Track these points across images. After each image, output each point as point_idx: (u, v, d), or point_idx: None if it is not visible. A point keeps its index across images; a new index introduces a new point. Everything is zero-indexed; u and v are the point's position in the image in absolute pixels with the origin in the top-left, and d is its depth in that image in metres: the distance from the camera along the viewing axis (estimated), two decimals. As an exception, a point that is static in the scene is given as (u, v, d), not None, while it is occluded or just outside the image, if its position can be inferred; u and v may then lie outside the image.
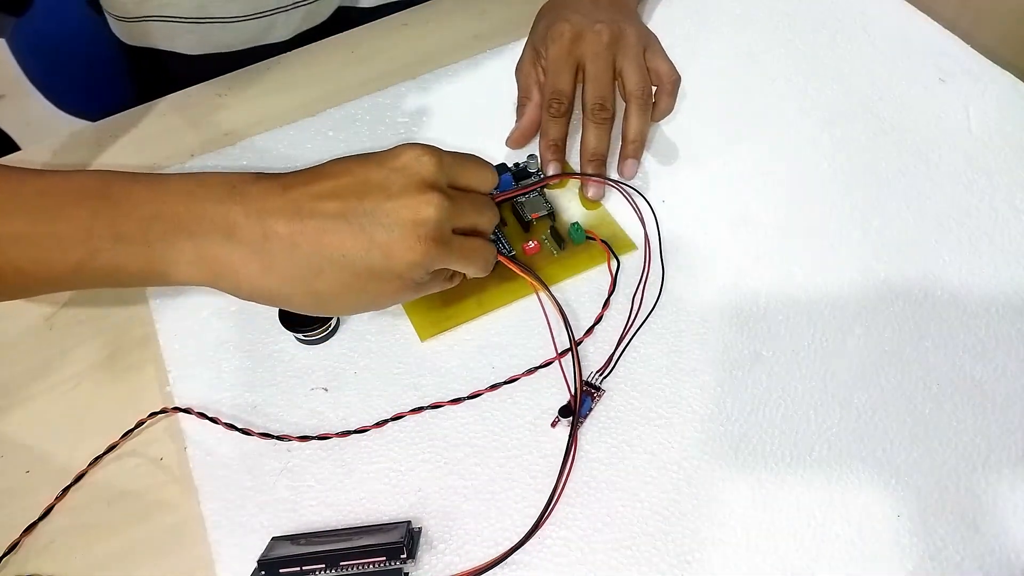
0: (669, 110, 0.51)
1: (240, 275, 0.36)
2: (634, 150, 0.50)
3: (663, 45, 0.52)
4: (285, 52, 0.62)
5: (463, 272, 0.41)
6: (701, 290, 0.46)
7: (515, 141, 0.52)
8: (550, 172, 0.50)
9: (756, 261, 0.47)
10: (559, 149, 0.50)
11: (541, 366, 0.43)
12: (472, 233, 0.40)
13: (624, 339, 0.44)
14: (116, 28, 0.64)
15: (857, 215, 0.48)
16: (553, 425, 0.41)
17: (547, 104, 0.50)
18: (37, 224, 0.36)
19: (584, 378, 0.42)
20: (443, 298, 0.46)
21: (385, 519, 0.38)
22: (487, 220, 0.41)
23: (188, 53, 0.63)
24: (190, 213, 0.36)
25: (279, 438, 0.41)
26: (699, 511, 0.38)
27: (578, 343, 0.43)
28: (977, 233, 0.47)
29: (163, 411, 0.42)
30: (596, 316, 0.44)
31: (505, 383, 0.42)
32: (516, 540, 0.37)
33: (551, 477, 0.39)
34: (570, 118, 0.51)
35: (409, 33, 0.63)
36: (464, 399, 0.42)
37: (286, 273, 0.36)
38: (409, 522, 0.38)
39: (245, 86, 0.60)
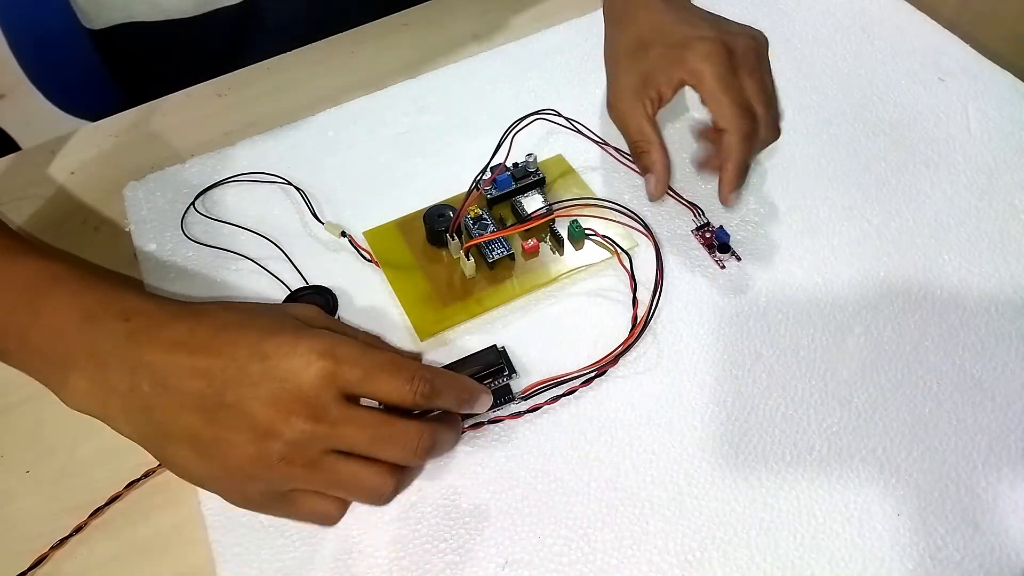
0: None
1: (115, 419, 0.35)
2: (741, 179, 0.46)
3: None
4: (241, 20, 0.62)
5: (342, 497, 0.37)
6: (701, 290, 0.46)
7: (659, 193, 0.47)
8: (731, 203, 0.46)
9: (756, 261, 0.47)
10: (744, 175, 0.45)
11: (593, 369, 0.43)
12: (369, 457, 0.35)
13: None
14: (80, 14, 0.65)
15: (857, 214, 0.48)
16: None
17: (738, 123, 0.44)
18: None
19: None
20: (443, 298, 0.46)
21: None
22: (383, 448, 0.35)
23: (147, 20, 0.64)
24: (79, 341, 0.36)
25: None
26: (699, 510, 0.38)
27: (625, 347, 0.43)
28: (977, 233, 0.47)
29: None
30: (631, 316, 0.44)
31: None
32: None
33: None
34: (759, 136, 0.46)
35: (409, 33, 0.63)
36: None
37: (141, 430, 0.35)
38: (494, 345, 0.42)
39: (245, 86, 0.60)
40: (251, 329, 0.35)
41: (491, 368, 0.41)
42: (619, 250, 0.47)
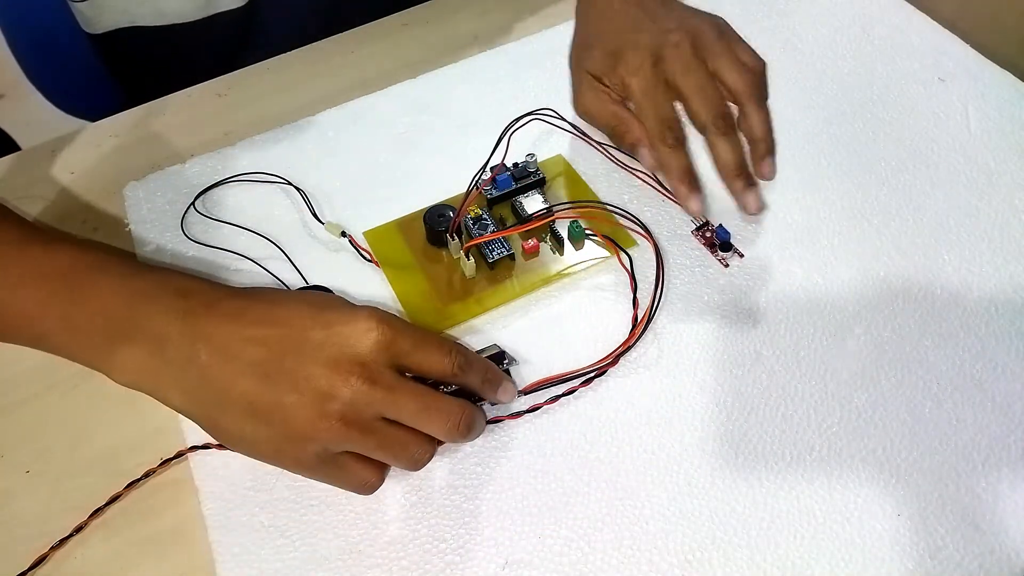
0: (767, 96, 0.48)
1: (167, 391, 0.36)
2: (767, 147, 0.47)
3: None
4: (243, 22, 0.62)
5: (385, 462, 0.38)
6: (701, 290, 0.46)
7: (656, 160, 0.47)
8: (695, 207, 0.46)
9: (756, 261, 0.47)
10: (694, 178, 0.46)
11: (594, 370, 0.43)
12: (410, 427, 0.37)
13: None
14: (81, 19, 0.65)
15: (857, 215, 0.48)
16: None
17: (660, 136, 0.46)
18: (5, 292, 0.38)
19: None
20: (443, 298, 0.46)
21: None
22: (429, 419, 0.37)
23: (149, 24, 0.64)
24: (133, 318, 0.37)
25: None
26: (699, 510, 0.38)
27: (625, 348, 0.43)
28: (977, 233, 0.47)
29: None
30: (631, 316, 0.44)
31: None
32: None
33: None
34: (687, 142, 0.47)
35: (409, 33, 0.63)
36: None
37: (196, 400, 0.36)
38: (495, 345, 0.42)
39: (245, 86, 0.60)
40: (305, 303, 0.38)
41: (491, 356, 0.42)
42: (619, 250, 0.47)
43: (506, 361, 0.42)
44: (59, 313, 0.38)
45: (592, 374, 0.42)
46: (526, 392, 0.42)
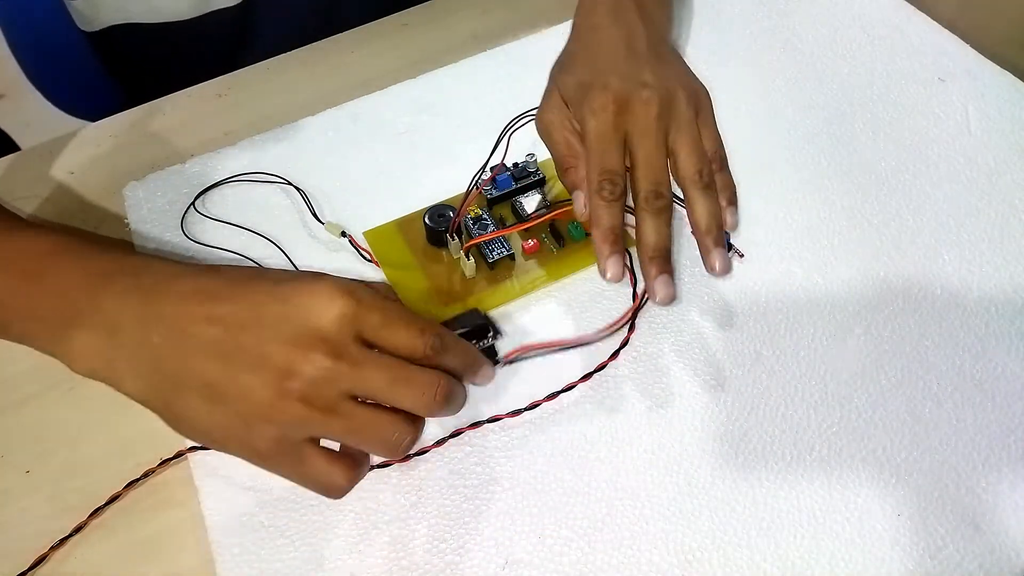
0: (729, 186, 0.45)
1: (121, 378, 0.35)
2: (714, 240, 0.42)
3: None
4: (239, 21, 0.62)
5: (356, 448, 0.36)
6: (701, 290, 0.46)
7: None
8: (610, 272, 0.42)
9: (756, 260, 0.47)
10: (618, 239, 0.42)
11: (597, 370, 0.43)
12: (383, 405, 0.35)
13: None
14: (77, 17, 0.65)
15: (857, 214, 0.48)
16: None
17: (597, 185, 0.42)
18: None
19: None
20: (443, 298, 0.46)
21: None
22: (401, 393, 0.34)
23: (144, 22, 0.64)
24: (89, 303, 0.35)
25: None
26: (699, 510, 0.38)
27: (625, 343, 0.43)
28: (977, 233, 0.47)
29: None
30: (627, 312, 0.44)
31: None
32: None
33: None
34: (625, 200, 0.43)
35: (409, 33, 0.63)
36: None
37: (149, 383, 0.34)
38: (476, 309, 0.41)
39: (245, 86, 0.60)
40: (266, 278, 0.35)
41: (476, 328, 0.41)
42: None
43: (490, 335, 0.40)
44: (19, 300, 0.37)
45: (592, 373, 0.42)
46: (510, 358, 0.41)
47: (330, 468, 0.34)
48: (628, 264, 0.46)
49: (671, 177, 0.43)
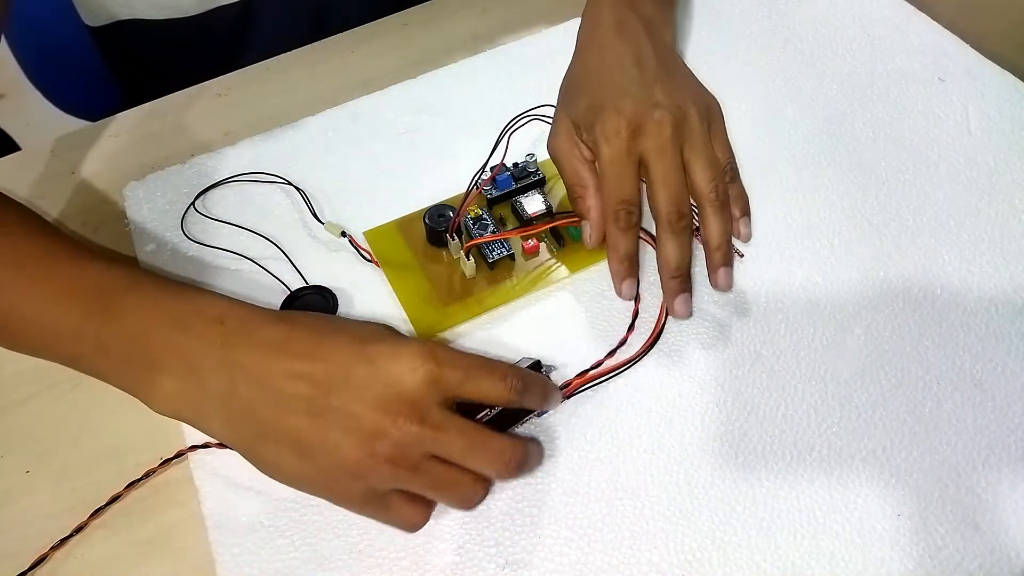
0: (742, 196, 0.47)
1: (208, 422, 0.36)
2: (722, 257, 0.44)
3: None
4: (241, 19, 0.62)
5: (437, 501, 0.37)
6: (701, 290, 0.46)
7: (596, 241, 0.45)
8: (626, 293, 0.44)
9: (756, 261, 0.47)
10: (634, 265, 0.44)
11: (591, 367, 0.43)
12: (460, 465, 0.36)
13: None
14: (82, 11, 0.65)
15: (857, 215, 0.48)
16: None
17: (613, 215, 0.43)
18: (37, 311, 0.38)
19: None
20: (443, 298, 0.46)
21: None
22: (477, 458, 0.36)
23: (150, 18, 0.64)
24: (169, 345, 0.36)
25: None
26: (699, 510, 0.38)
27: (622, 341, 0.43)
28: (977, 233, 0.47)
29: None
30: (631, 315, 0.44)
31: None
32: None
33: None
34: (639, 227, 0.45)
35: (409, 33, 0.63)
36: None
37: (239, 432, 0.36)
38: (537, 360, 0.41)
39: (245, 86, 0.60)
40: (347, 335, 0.36)
41: (532, 364, 0.41)
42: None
43: (543, 370, 0.42)
44: (93, 337, 0.37)
45: (591, 373, 0.42)
46: (568, 395, 0.42)
47: (412, 511, 0.36)
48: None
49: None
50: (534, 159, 0.50)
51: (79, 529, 0.39)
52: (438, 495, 0.36)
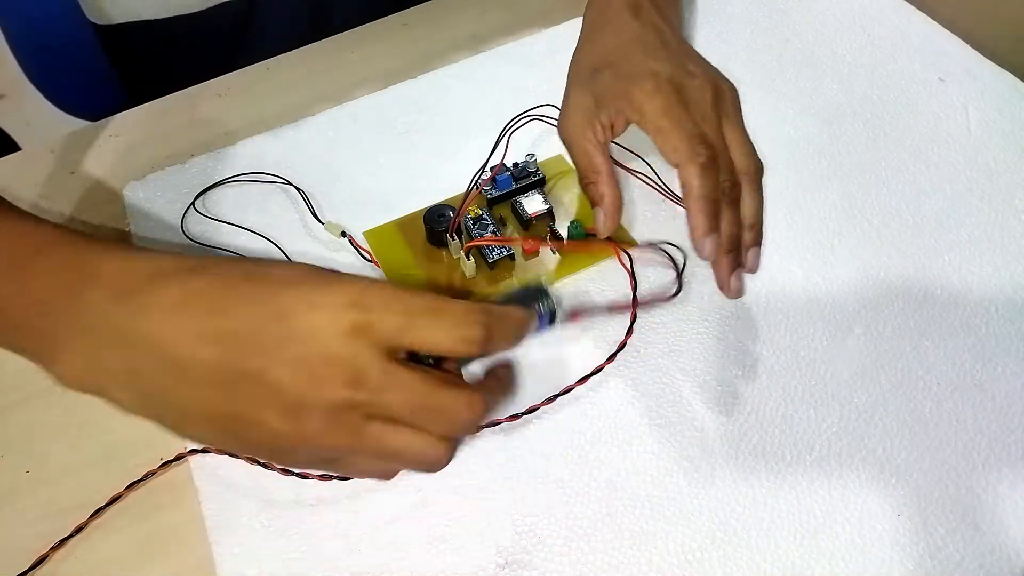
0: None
1: (118, 399, 0.31)
2: (755, 236, 0.43)
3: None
4: (244, 15, 0.62)
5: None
6: (701, 289, 0.46)
7: (609, 229, 0.43)
8: (708, 249, 0.40)
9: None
10: (717, 213, 0.40)
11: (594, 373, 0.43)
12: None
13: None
14: (87, 10, 0.65)
15: (857, 215, 0.48)
16: None
17: (689, 153, 0.40)
18: None
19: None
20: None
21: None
22: (429, 420, 0.30)
23: (156, 17, 0.64)
24: (68, 316, 0.31)
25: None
26: (699, 510, 0.38)
27: (622, 344, 0.43)
28: (977, 233, 0.47)
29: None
30: (631, 315, 0.44)
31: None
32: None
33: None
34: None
35: (409, 33, 0.63)
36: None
37: (155, 412, 0.31)
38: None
39: (245, 86, 0.60)
40: (261, 282, 0.30)
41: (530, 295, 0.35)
42: (619, 250, 0.47)
43: (550, 298, 0.35)
44: (5, 305, 0.32)
45: (591, 374, 0.42)
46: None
47: (374, 465, 0.32)
48: (630, 268, 0.46)
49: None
50: (534, 159, 0.50)
51: (79, 529, 0.39)
52: (393, 463, 0.31)
